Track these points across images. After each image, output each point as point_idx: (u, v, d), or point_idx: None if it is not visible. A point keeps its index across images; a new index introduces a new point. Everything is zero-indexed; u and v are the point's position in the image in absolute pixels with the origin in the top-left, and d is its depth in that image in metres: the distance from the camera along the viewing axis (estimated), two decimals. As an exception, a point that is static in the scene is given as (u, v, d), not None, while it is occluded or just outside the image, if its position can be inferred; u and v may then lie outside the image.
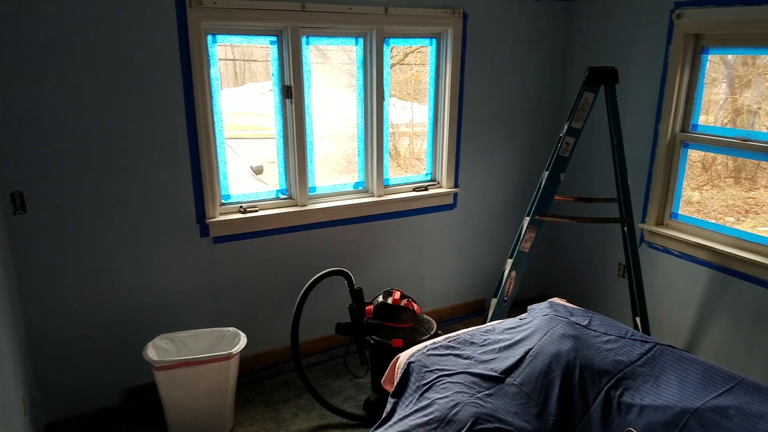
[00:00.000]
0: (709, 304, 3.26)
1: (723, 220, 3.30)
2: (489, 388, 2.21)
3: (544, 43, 3.88)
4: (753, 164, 3.07)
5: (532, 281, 4.27)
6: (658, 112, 3.38)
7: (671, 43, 3.25)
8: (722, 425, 1.95)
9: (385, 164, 3.57)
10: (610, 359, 2.34)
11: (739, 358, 3.13)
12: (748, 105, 3.19)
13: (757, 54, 3.02)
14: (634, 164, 3.52)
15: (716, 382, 2.17)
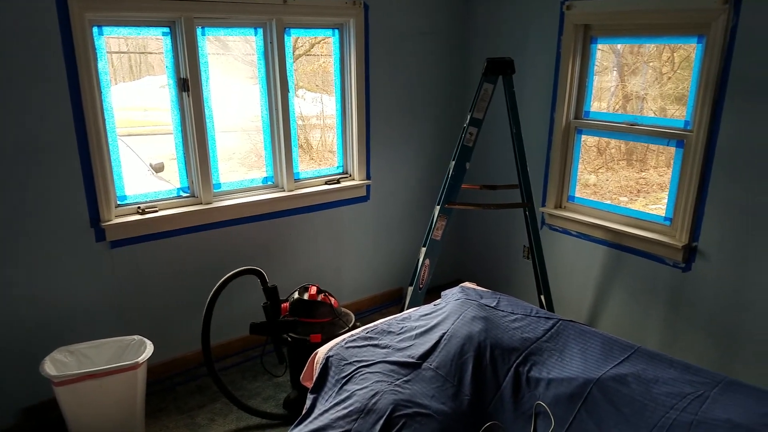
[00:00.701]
0: (606, 280, 3.49)
1: (618, 200, 3.54)
2: (407, 375, 2.24)
3: (445, 34, 3.97)
4: (643, 147, 3.32)
5: (447, 267, 4.38)
6: (553, 101, 3.56)
7: (563, 33, 3.43)
8: (622, 392, 2.09)
9: (295, 157, 3.50)
10: (518, 337, 2.44)
11: (635, 327, 3.38)
12: (636, 91, 3.43)
13: (641, 43, 3.25)
14: (533, 151, 3.69)
15: (615, 353, 2.32)
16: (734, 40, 2.71)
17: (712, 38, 2.77)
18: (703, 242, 3.00)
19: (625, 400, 2.06)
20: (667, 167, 3.10)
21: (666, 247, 3.12)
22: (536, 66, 3.63)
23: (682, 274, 3.11)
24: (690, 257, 3.06)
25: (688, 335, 3.14)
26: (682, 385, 2.07)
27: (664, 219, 3.19)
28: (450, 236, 4.25)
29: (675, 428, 1.89)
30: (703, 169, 2.92)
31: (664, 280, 3.20)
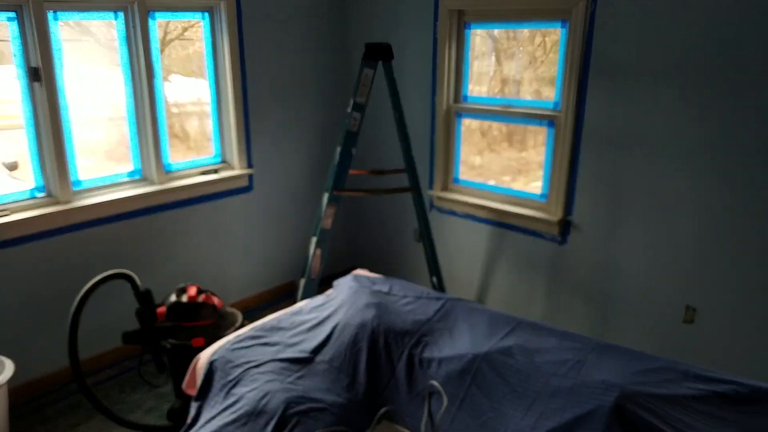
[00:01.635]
0: (492, 257, 3.62)
1: (501, 180, 3.68)
2: (299, 371, 2.17)
3: (325, 19, 3.88)
4: (522, 128, 3.47)
5: (340, 256, 4.33)
6: (433, 86, 3.61)
7: (438, 19, 3.48)
8: (507, 363, 2.16)
9: (164, 148, 3.26)
10: (411, 320, 2.45)
11: (522, 300, 3.54)
12: (513, 75, 3.56)
13: (511, 28, 3.38)
14: (418, 135, 3.73)
15: (500, 326, 2.40)
16: (593, 25, 2.89)
17: (574, 23, 2.93)
18: (576, 216, 3.19)
19: (512, 371, 2.12)
20: (544, 147, 3.27)
21: (543, 223, 3.29)
22: (416, 51, 3.66)
23: (559, 247, 3.30)
24: (565, 231, 3.25)
25: (568, 303, 3.34)
26: (562, 352, 2.18)
27: (541, 196, 3.36)
28: (342, 224, 4.21)
29: (557, 393, 1.98)
30: (573, 147, 3.10)
31: (543, 253, 3.37)
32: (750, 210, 2.64)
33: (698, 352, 2.91)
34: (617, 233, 3.05)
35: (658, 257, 2.94)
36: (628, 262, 3.05)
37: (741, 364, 2.78)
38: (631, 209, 2.98)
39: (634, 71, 2.82)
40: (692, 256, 2.84)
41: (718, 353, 2.85)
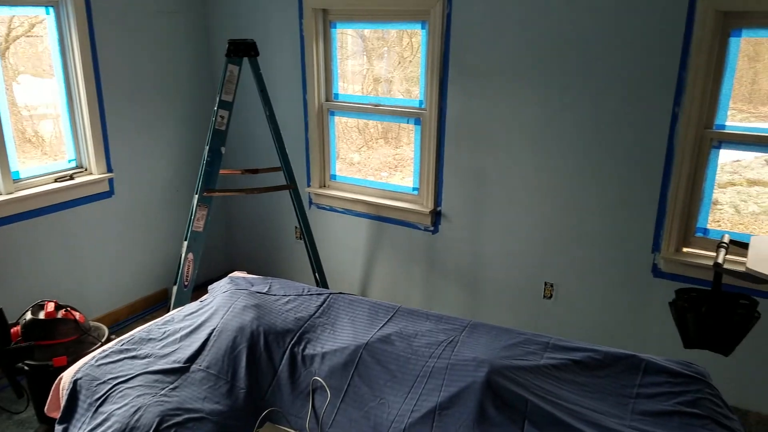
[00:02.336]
0: (372, 250, 3.71)
1: (379, 176, 3.78)
2: (173, 382, 2.08)
3: (185, 14, 3.72)
4: (396, 126, 3.58)
5: (217, 259, 4.19)
6: (303, 83, 3.61)
7: (303, 17, 3.48)
8: (388, 351, 2.23)
9: (10, 154, 2.95)
10: (292, 318, 2.44)
11: (402, 289, 3.66)
12: (384, 74, 3.66)
13: (374, 28, 3.47)
14: (292, 133, 3.72)
15: (380, 316, 2.47)
16: (450, 26, 3.06)
17: (433, 24, 3.08)
18: (445, 206, 3.37)
19: (392, 358, 2.20)
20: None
21: (417, 214, 3.43)
22: (283, 48, 3.63)
23: (432, 236, 3.46)
24: (436, 221, 3.42)
25: (443, 289, 3.51)
26: (437, 335, 2.30)
27: (413, 189, 3.50)
28: (217, 226, 4.07)
29: (434, 374, 2.09)
30: (438, 142, 3.27)
31: (419, 243, 3.52)
32: (590, 192, 2.96)
33: (558, 323, 3.20)
34: (481, 220, 3.27)
35: (517, 240, 3.20)
36: (493, 246, 3.28)
37: (594, 331, 3.11)
38: (491, 197, 3.20)
39: (487, 70, 3.03)
40: (545, 237, 3.12)
41: (575, 323, 3.16)
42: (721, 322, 2.34)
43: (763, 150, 2.70)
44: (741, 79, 2.79)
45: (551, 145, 2.98)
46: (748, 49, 2.73)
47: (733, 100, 2.87)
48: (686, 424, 1.83)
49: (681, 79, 2.62)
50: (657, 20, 2.61)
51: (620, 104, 2.78)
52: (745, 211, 3.94)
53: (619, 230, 2.94)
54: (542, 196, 3.07)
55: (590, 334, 3.10)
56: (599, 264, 3.02)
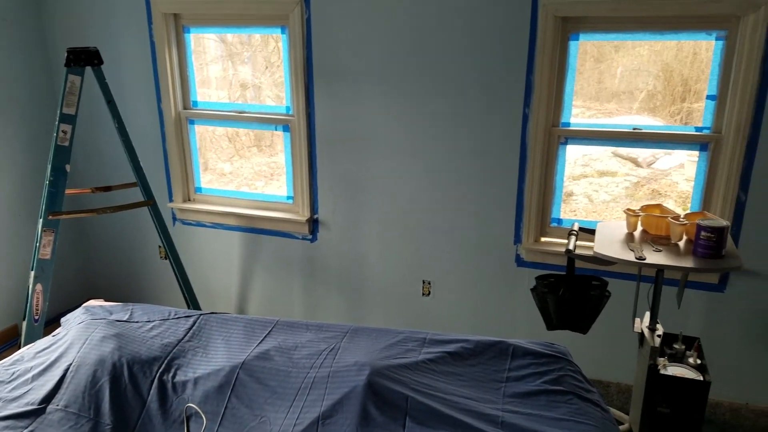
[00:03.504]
0: (248, 264, 3.57)
1: (254, 186, 3.65)
2: (28, 426, 1.88)
3: (17, 21, 3.34)
4: (269, 133, 3.48)
5: (72, 288, 3.80)
6: (158, 92, 3.40)
7: (152, 23, 3.28)
8: (267, 367, 2.15)
9: None
10: (158, 345, 2.27)
11: (282, 302, 3.57)
12: (251, 80, 3.55)
13: (232, 32, 3.34)
14: (148, 145, 3.48)
15: (256, 332, 2.38)
16: (311, 30, 3.05)
17: (293, 29, 3.05)
18: (322, 213, 3.34)
19: (271, 374, 2.12)
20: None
21: (293, 223, 3.36)
22: (133, 55, 3.39)
23: (311, 245, 3.41)
24: (314, 228, 3.38)
25: (326, 297, 3.48)
26: (318, 344, 2.26)
27: (287, 198, 3.42)
28: (70, 251, 3.70)
29: (316, 384, 2.05)
30: (309, 148, 3.23)
31: (297, 253, 3.45)
32: (456, 191, 3.09)
33: (438, 318, 3.31)
34: (359, 225, 3.28)
35: (394, 242, 3.26)
36: (371, 250, 3.30)
37: (469, 322, 3.25)
38: (367, 202, 3.23)
39: (353, 75, 3.05)
40: (420, 237, 3.21)
41: (452, 317, 3.28)
42: (577, 302, 2.54)
43: (606, 143, 2.97)
44: (589, 79, 3.06)
45: (418, 148, 3.07)
46: (594, 50, 3.01)
47: (582, 98, 3.14)
48: (552, 401, 1.96)
49: (529, 81, 2.82)
50: (504, 26, 2.79)
51: (477, 106, 2.93)
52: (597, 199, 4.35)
53: (485, 225, 3.09)
54: (413, 198, 3.15)
55: (467, 326, 3.24)
56: (470, 259, 3.16)
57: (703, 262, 2.17)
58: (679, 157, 4.10)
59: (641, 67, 3.02)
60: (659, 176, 4.55)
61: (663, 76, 2.99)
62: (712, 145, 2.71)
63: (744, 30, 2.49)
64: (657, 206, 2.51)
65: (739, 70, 2.54)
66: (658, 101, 3.01)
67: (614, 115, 3.14)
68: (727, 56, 2.60)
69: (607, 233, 2.49)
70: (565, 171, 3.02)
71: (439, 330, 3.18)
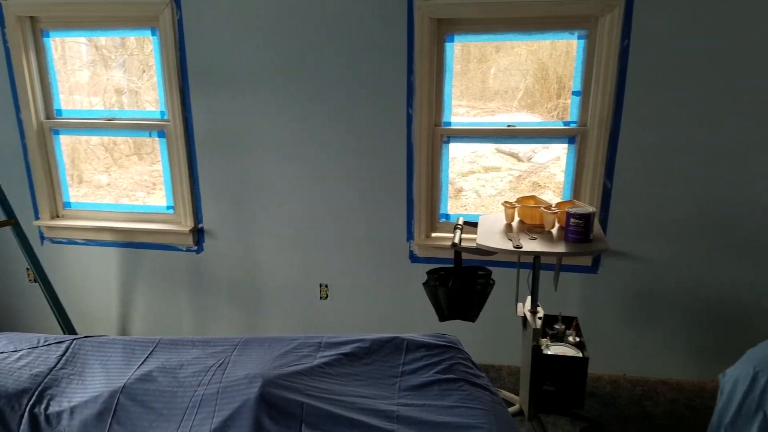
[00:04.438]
0: (128, 282, 3.34)
1: (135, 197, 3.42)
2: None
3: None
4: (151, 140, 3.27)
5: None
6: (15, 101, 3.09)
7: (5, 26, 2.99)
8: (150, 389, 2.02)
9: None
10: (26, 375, 2.07)
11: (170, 319, 3.38)
12: (127, 85, 3.32)
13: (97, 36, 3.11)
14: (8, 159, 3.17)
15: (137, 354, 2.22)
16: (183, 32, 2.91)
17: (163, 31, 2.90)
18: (207, 222, 3.20)
19: (155, 396, 2.00)
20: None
21: (176, 235, 3.19)
22: (-16, 60, 3.07)
23: (197, 256, 3.26)
24: (200, 239, 3.23)
25: (218, 309, 3.34)
26: (206, 360, 2.16)
27: (168, 208, 3.25)
28: None
29: (205, 402, 1.95)
30: (189, 154, 3.09)
31: (183, 265, 3.28)
32: (350, 193, 3.09)
33: (337, 321, 3.29)
34: (249, 232, 3.19)
35: (288, 246, 3.19)
36: (265, 256, 3.22)
37: (368, 321, 3.26)
38: (257, 207, 3.15)
39: (233, 78, 2.96)
40: (315, 240, 3.18)
41: (351, 318, 3.28)
42: (465, 292, 2.64)
43: (485, 141, 3.11)
44: (473, 79, 3.18)
45: (309, 152, 3.04)
46: (476, 51, 3.13)
47: (468, 98, 3.26)
48: (444, 389, 2.00)
49: (410, 82, 2.88)
50: (383, 28, 2.83)
51: (363, 107, 2.95)
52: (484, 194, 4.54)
53: (379, 224, 3.12)
54: (304, 201, 3.11)
55: (366, 325, 3.25)
56: (365, 258, 3.18)
57: (574, 246, 2.33)
58: (555, 151, 4.38)
59: (519, 67, 3.19)
60: (538, 169, 4.85)
61: (540, 74, 3.18)
62: (579, 137, 2.92)
63: (602, 29, 2.70)
64: (531, 197, 2.66)
65: (600, 66, 2.75)
66: (536, 98, 3.19)
67: (496, 113, 3.30)
68: (588, 54, 2.81)
69: (488, 225, 2.60)
70: (456, 168, 3.13)
71: (339, 332, 3.16)
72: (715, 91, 2.66)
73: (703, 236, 2.86)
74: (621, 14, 2.63)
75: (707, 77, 2.65)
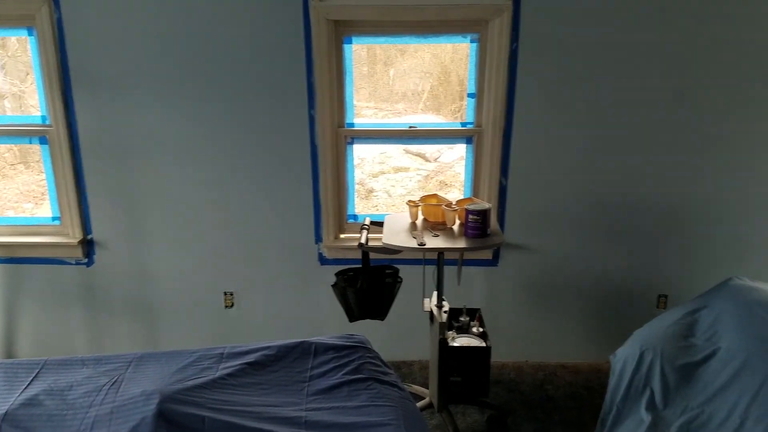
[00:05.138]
0: (11, 301, 3.08)
1: (22, 208, 3.14)
2: None
3: None
4: (38, 147, 3.02)
5: None
6: None
7: None
8: (36, 414, 1.87)
9: None
10: None
11: (61, 338, 3.15)
12: (9, 89, 3.06)
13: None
14: None
15: (20, 377, 2.06)
16: (63, 32, 2.72)
17: (41, 31, 2.70)
18: (97, 234, 3.01)
19: (42, 421, 1.85)
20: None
21: (63, 248, 2.98)
22: None
23: (87, 270, 3.06)
24: (89, 251, 3.03)
25: (113, 325, 3.14)
26: (98, 379, 2.03)
27: (54, 219, 3.03)
28: None
29: (98, 424, 1.83)
30: (74, 162, 2.89)
31: (72, 280, 3.07)
32: (255, 197, 3.02)
33: (244, 330, 3.20)
34: (145, 241, 3.03)
35: (189, 255, 3.07)
36: (163, 267, 3.07)
37: (277, 328, 3.20)
38: (153, 216, 3.00)
39: (121, 80, 2.81)
40: (218, 247, 3.08)
41: (259, 325, 3.21)
42: (374, 292, 2.66)
43: (388, 141, 3.15)
44: (380, 81, 3.21)
45: (207, 156, 2.94)
46: (382, 54, 3.16)
47: (374, 99, 3.28)
48: (353, 390, 2.01)
49: (311, 84, 2.86)
50: (280, 29, 2.79)
51: (263, 109, 2.89)
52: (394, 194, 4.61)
53: (286, 228, 3.08)
54: (205, 207, 3.01)
55: (275, 331, 3.19)
56: (272, 263, 3.12)
57: (473, 241, 2.41)
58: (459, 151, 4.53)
59: (423, 69, 3.27)
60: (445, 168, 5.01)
61: (443, 77, 3.27)
62: (476, 138, 3.03)
63: (492, 33, 2.82)
64: (434, 196, 2.73)
65: (491, 69, 2.87)
66: (441, 100, 3.28)
67: (403, 114, 3.36)
68: (481, 57, 2.92)
69: (394, 224, 2.64)
70: (366, 169, 3.15)
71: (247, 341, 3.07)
72: (597, 94, 2.86)
73: (590, 227, 3.06)
74: (509, 19, 2.76)
75: (589, 80, 2.84)
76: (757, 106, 2.84)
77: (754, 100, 2.84)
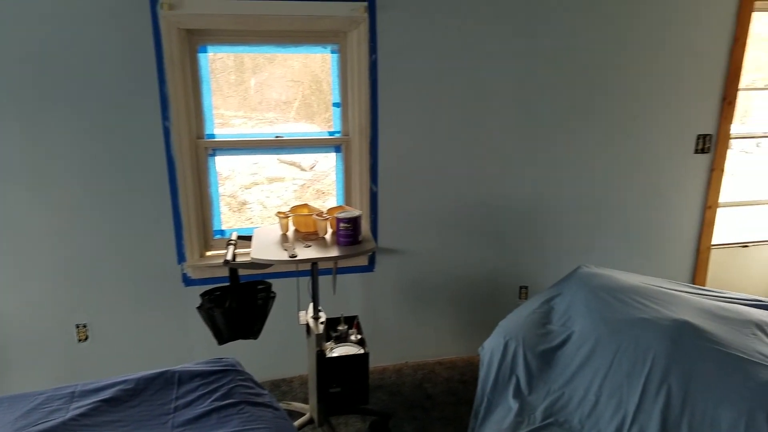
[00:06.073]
0: None
1: None
2: None
3: None
4: None
5: None
6: None
7: None
8: None
9: None
10: None
11: None
12: None
13: None
14: None
15: None
16: None
17: None
18: None
19: None
20: None
21: None
22: None
23: None
24: None
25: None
26: None
27: None
28: None
29: None
30: None
31: None
32: (106, 220, 2.77)
33: (101, 364, 2.92)
34: None
35: (35, 288, 2.75)
36: (7, 299, 2.72)
37: (139, 358, 2.96)
38: None
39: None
40: (69, 277, 2.79)
41: (118, 357, 2.94)
42: (245, 310, 2.55)
43: (254, 152, 3.04)
44: (249, 89, 3.09)
45: (52, 177, 2.66)
46: (250, 62, 3.03)
47: (243, 108, 3.15)
48: (223, 416, 1.90)
49: (163, 94, 2.69)
50: (126, 38, 2.59)
51: (117, 124, 2.68)
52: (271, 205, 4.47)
53: (145, 251, 2.86)
54: (52, 231, 2.71)
55: (137, 363, 2.94)
56: (130, 289, 2.88)
57: (345, 249, 2.40)
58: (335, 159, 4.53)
59: (293, 78, 3.20)
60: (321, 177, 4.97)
61: (314, 86, 3.23)
62: (344, 146, 3.04)
63: (351, 44, 2.85)
64: (304, 206, 2.68)
65: (354, 79, 2.89)
66: (314, 109, 3.24)
67: (275, 123, 3.27)
68: (342, 67, 2.93)
69: (264, 238, 2.56)
70: (238, 181, 3.01)
71: (106, 376, 2.81)
72: (453, 103, 3.00)
73: (458, 228, 3.20)
74: (366, 31, 2.80)
75: (445, 90, 2.97)
76: (586, 113, 3.16)
77: (585, 107, 3.15)
